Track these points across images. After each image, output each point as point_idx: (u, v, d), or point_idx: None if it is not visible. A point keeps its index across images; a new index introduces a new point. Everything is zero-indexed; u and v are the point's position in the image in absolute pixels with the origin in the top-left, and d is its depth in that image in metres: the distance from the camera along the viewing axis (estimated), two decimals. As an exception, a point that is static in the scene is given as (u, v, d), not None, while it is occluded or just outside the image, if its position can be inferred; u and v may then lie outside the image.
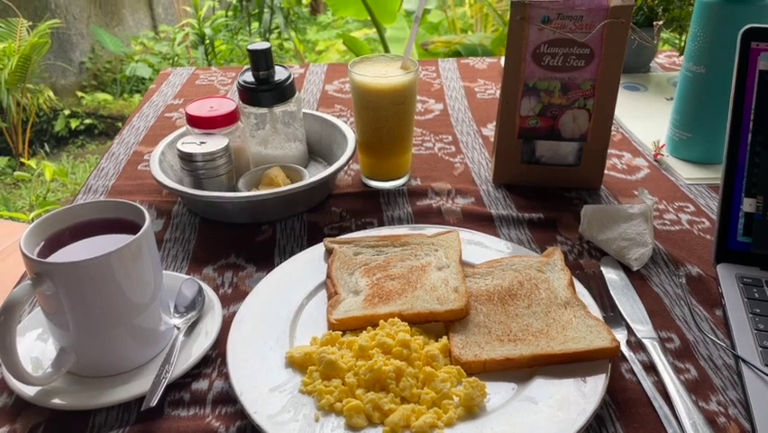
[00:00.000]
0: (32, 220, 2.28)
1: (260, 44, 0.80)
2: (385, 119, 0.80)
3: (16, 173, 2.93)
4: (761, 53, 0.66)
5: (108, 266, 0.51)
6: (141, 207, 0.56)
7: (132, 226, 0.55)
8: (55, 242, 0.54)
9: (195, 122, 0.80)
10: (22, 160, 3.02)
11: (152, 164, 0.79)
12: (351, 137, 0.85)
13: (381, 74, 0.78)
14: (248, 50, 0.80)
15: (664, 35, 1.14)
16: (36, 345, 0.58)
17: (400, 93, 0.78)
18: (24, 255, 0.51)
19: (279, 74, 0.83)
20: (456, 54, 2.80)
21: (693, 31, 0.84)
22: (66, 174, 2.92)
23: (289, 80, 0.82)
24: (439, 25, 3.94)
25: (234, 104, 0.82)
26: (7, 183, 2.97)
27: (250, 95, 0.82)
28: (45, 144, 3.36)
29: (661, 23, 0.93)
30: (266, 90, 0.81)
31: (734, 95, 0.67)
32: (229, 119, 0.81)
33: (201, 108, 0.81)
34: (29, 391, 0.53)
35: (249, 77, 0.82)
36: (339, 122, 0.89)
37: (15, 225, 1.69)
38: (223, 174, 0.78)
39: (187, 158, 0.76)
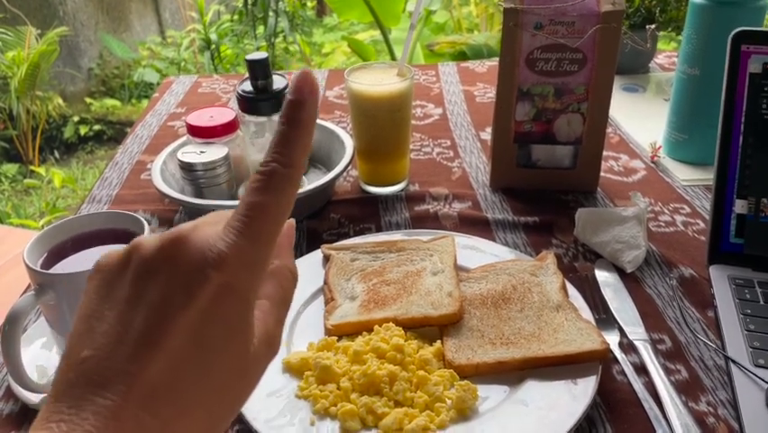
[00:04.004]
0: (42, 227, 2.31)
1: (257, 54, 0.81)
2: (382, 126, 0.81)
3: (26, 181, 2.96)
4: (751, 56, 0.67)
5: (109, 276, 0.52)
6: (140, 218, 0.57)
7: (132, 237, 0.56)
8: (57, 253, 0.56)
9: (195, 131, 0.81)
10: (32, 167, 3.05)
11: (154, 174, 0.81)
12: (349, 144, 0.86)
13: (377, 82, 0.80)
14: (246, 61, 0.81)
15: (664, 34, 1.14)
16: (41, 354, 0.59)
17: (396, 100, 0.79)
18: (27, 266, 0.52)
19: (278, 83, 0.84)
20: (462, 54, 2.81)
21: (687, 33, 0.85)
22: (75, 181, 2.96)
23: (287, 89, 0.84)
24: (444, 25, 3.94)
25: (234, 113, 0.83)
26: (18, 190, 3.01)
27: (248, 104, 0.83)
28: (55, 151, 3.41)
29: (653, 26, 0.93)
30: (264, 99, 0.82)
31: (725, 97, 0.67)
32: (229, 128, 0.82)
33: (201, 118, 0.82)
34: (34, 398, 0.54)
35: (247, 86, 0.84)
36: (337, 129, 0.90)
37: (27, 232, 1.71)
38: (223, 182, 0.80)
39: (187, 168, 0.78)
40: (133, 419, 0.26)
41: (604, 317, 0.63)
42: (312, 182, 0.79)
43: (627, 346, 0.60)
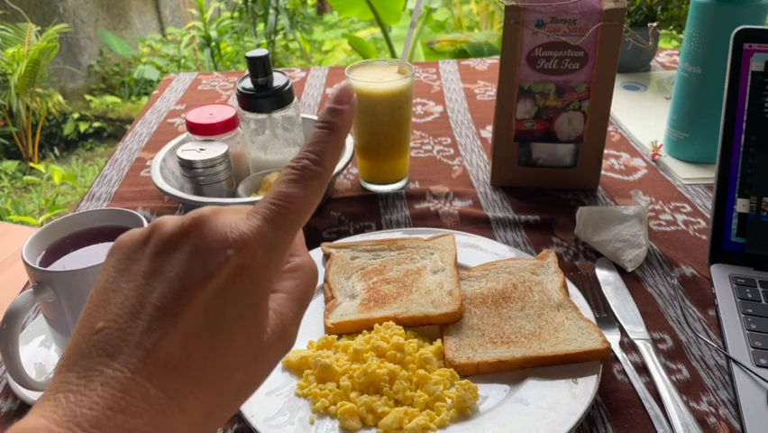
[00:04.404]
0: (42, 224, 2.31)
1: (257, 51, 0.81)
2: (382, 123, 0.81)
3: (26, 177, 2.96)
4: (753, 54, 0.67)
5: (108, 274, 0.52)
6: (139, 215, 0.57)
7: (131, 234, 0.56)
8: (56, 250, 0.56)
9: (195, 129, 0.81)
10: (32, 164, 3.05)
11: (153, 171, 0.80)
12: (349, 141, 0.86)
13: (378, 79, 0.79)
14: (246, 58, 0.81)
15: (665, 32, 1.14)
16: (40, 351, 0.59)
17: (397, 98, 0.79)
18: (26, 264, 0.52)
19: (278, 80, 0.84)
20: (462, 53, 2.81)
21: (689, 31, 0.84)
22: (75, 178, 2.95)
23: (288, 86, 0.83)
24: (445, 23, 3.94)
25: (234, 110, 0.83)
26: (18, 187, 3.01)
27: (249, 101, 0.83)
28: (55, 148, 3.40)
29: (655, 24, 0.93)
30: (264, 96, 0.82)
31: (727, 95, 0.67)
32: (229, 125, 0.82)
33: (201, 115, 0.82)
34: (32, 395, 0.54)
35: (248, 83, 0.83)
36: (338, 126, 0.90)
37: (27, 229, 1.71)
38: (223, 180, 0.79)
39: (187, 165, 0.77)
40: (141, 392, 0.26)
41: (605, 316, 0.63)
42: (312, 180, 0.78)
43: (628, 346, 0.60)
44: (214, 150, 0.79)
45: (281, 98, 0.83)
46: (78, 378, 0.26)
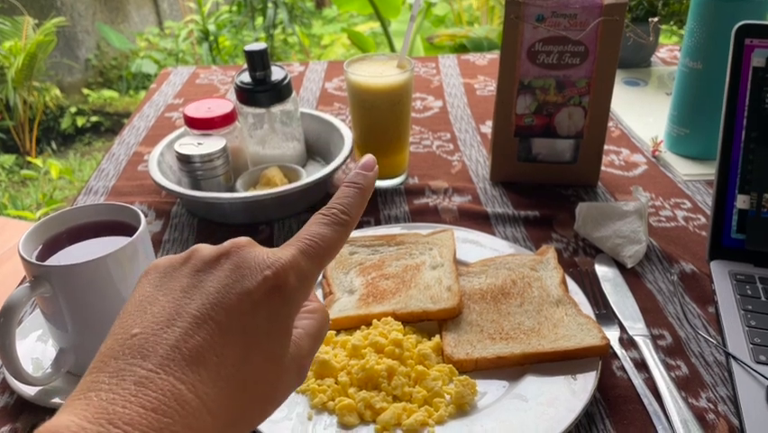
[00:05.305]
0: (39, 218, 2.30)
1: (256, 45, 0.81)
2: (381, 118, 0.80)
3: (23, 172, 2.95)
4: (754, 50, 0.66)
5: (105, 268, 0.52)
6: (137, 210, 0.57)
7: (128, 229, 0.56)
8: (53, 245, 0.55)
9: (192, 123, 0.81)
10: (29, 158, 3.04)
11: (151, 165, 0.80)
12: (348, 136, 0.85)
13: (377, 73, 0.79)
14: (244, 52, 0.81)
15: (666, 27, 1.13)
16: (36, 346, 0.59)
17: (396, 92, 0.79)
18: (23, 258, 0.52)
19: (276, 74, 0.83)
20: (462, 47, 2.80)
21: (690, 26, 0.84)
22: (72, 172, 2.94)
23: (286, 80, 0.83)
24: (445, 18, 3.92)
25: (232, 104, 0.83)
26: (15, 181, 3.00)
27: (247, 95, 0.82)
28: (52, 142, 3.39)
29: (656, 19, 0.93)
30: (263, 90, 0.82)
31: (728, 91, 0.67)
32: (227, 120, 0.81)
33: (199, 109, 0.81)
34: (29, 390, 0.54)
35: (246, 77, 0.83)
36: (336, 121, 0.90)
37: (24, 223, 1.71)
38: (220, 175, 0.79)
39: (184, 159, 0.77)
40: (174, 392, 0.27)
41: (604, 313, 0.62)
42: (311, 175, 0.78)
43: (627, 342, 0.59)
44: (211, 144, 0.78)
45: (280, 93, 0.83)
46: (110, 378, 0.27)
